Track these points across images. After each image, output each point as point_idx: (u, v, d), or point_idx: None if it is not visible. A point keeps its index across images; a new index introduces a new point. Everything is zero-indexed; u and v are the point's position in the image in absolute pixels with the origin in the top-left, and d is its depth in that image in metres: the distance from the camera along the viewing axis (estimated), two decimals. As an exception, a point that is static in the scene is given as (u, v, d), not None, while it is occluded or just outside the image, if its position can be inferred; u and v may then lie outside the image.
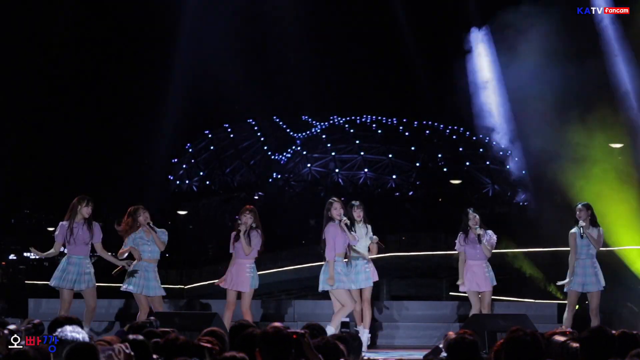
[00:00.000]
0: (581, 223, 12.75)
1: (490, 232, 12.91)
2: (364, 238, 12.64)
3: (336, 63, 58.69)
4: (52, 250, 12.56)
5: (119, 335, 6.99)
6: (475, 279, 12.76)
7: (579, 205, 12.95)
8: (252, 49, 55.39)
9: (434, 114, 61.14)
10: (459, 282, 12.96)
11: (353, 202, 12.88)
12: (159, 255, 12.63)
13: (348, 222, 12.22)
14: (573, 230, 12.87)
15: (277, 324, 5.40)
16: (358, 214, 12.67)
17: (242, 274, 12.47)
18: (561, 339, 6.21)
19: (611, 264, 19.92)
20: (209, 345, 5.77)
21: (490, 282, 12.80)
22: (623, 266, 21.17)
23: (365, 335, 12.30)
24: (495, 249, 13.07)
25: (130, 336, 5.51)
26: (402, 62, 52.09)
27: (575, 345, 6.01)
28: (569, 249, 13.06)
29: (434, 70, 46.25)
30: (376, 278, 12.87)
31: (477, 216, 12.86)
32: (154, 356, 5.63)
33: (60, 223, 12.41)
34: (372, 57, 58.07)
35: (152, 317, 8.55)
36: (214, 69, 50.97)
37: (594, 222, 12.88)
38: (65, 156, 53.86)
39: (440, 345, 6.65)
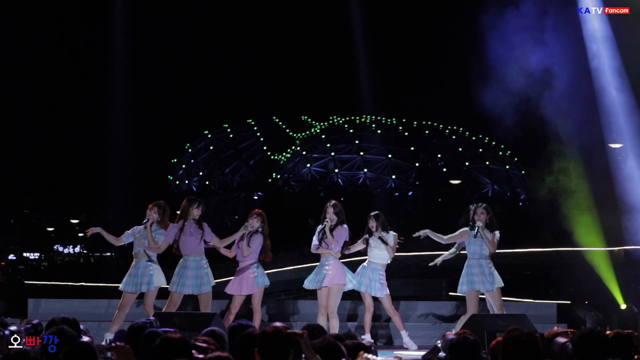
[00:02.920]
0: (478, 223, 12.69)
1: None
2: (378, 248, 12.87)
3: (336, 62, 58.72)
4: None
5: (119, 335, 7.00)
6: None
7: (481, 208, 12.86)
8: (253, 50, 55.44)
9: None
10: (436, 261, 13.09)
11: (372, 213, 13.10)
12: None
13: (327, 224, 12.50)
14: (466, 228, 12.86)
15: (277, 323, 5.40)
16: (372, 224, 12.87)
17: (248, 276, 12.62)
18: (562, 340, 6.23)
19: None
20: (205, 345, 5.78)
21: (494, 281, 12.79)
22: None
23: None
24: (497, 248, 13.07)
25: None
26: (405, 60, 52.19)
27: None
28: (569, 249, 13.06)
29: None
30: (386, 291, 12.98)
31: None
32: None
33: (171, 225, 12.56)
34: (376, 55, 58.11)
35: (152, 317, 8.57)
36: (214, 69, 51.01)
37: (491, 225, 12.80)
38: (65, 156, 53.88)
39: (439, 345, 6.66)
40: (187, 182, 67.23)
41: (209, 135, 68.02)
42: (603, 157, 20.71)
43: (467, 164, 62.71)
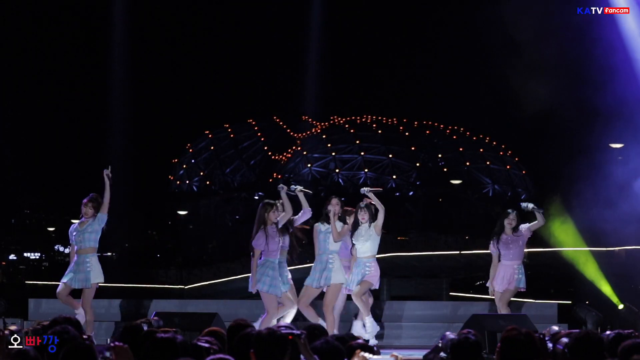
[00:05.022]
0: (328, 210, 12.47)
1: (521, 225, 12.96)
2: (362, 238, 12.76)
3: (337, 62, 58.72)
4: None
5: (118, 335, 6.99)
6: (504, 279, 12.79)
7: (335, 199, 12.77)
8: (254, 49, 55.44)
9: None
10: (487, 284, 12.98)
11: (361, 203, 12.95)
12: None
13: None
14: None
15: (282, 322, 5.41)
16: (362, 216, 12.74)
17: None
18: (566, 340, 6.22)
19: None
20: (207, 345, 5.77)
21: (517, 283, 12.74)
22: None
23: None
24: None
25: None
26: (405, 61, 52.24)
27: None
28: (569, 249, 13.03)
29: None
30: (371, 281, 12.86)
31: (516, 219, 12.89)
32: None
33: (260, 232, 12.28)
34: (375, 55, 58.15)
35: (154, 317, 8.57)
36: (214, 68, 51.02)
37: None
38: (66, 156, 53.87)
39: (440, 345, 6.66)
40: (187, 182, 67.22)
41: (210, 135, 68.00)
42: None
43: (467, 164, 62.70)
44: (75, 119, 54.02)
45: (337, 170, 63.05)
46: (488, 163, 63.14)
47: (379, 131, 65.63)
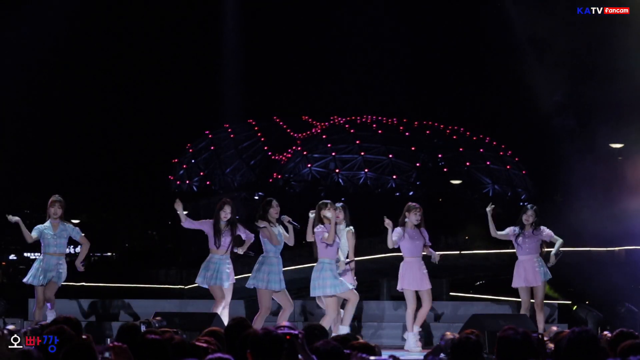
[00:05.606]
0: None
1: (543, 227, 13.03)
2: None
3: (339, 63, 58.77)
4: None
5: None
6: (526, 274, 12.80)
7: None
8: (254, 48, 55.48)
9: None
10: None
11: (337, 203, 13.00)
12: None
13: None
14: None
15: (285, 322, 5.42)
16: (337, 215, 12.79)
17: None
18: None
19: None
20: (205, 345, 5.78)
21: (542, 276, 12.78)
22: None
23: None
24: (497, 248, 13.12)
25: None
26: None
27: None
28: (570, 249, 13.02)
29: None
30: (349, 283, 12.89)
31: (533, 215, 12.97)
32: None
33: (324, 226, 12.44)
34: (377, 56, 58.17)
35: (158, 317, 8.57)
36: (215, 68, 51.05)
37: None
38: (66, 156, 53.87)
39: (440, 345, 6.65)
40: (187, 182, 67.23)
41: (210, 135, 68.01)
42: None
43: (467, 164, 62.71)
44: (74, 118, 54.04)
45: (337, 170, 63.06)
46: (488, 163, 63.17)
47: (379, 131, 65.65)
